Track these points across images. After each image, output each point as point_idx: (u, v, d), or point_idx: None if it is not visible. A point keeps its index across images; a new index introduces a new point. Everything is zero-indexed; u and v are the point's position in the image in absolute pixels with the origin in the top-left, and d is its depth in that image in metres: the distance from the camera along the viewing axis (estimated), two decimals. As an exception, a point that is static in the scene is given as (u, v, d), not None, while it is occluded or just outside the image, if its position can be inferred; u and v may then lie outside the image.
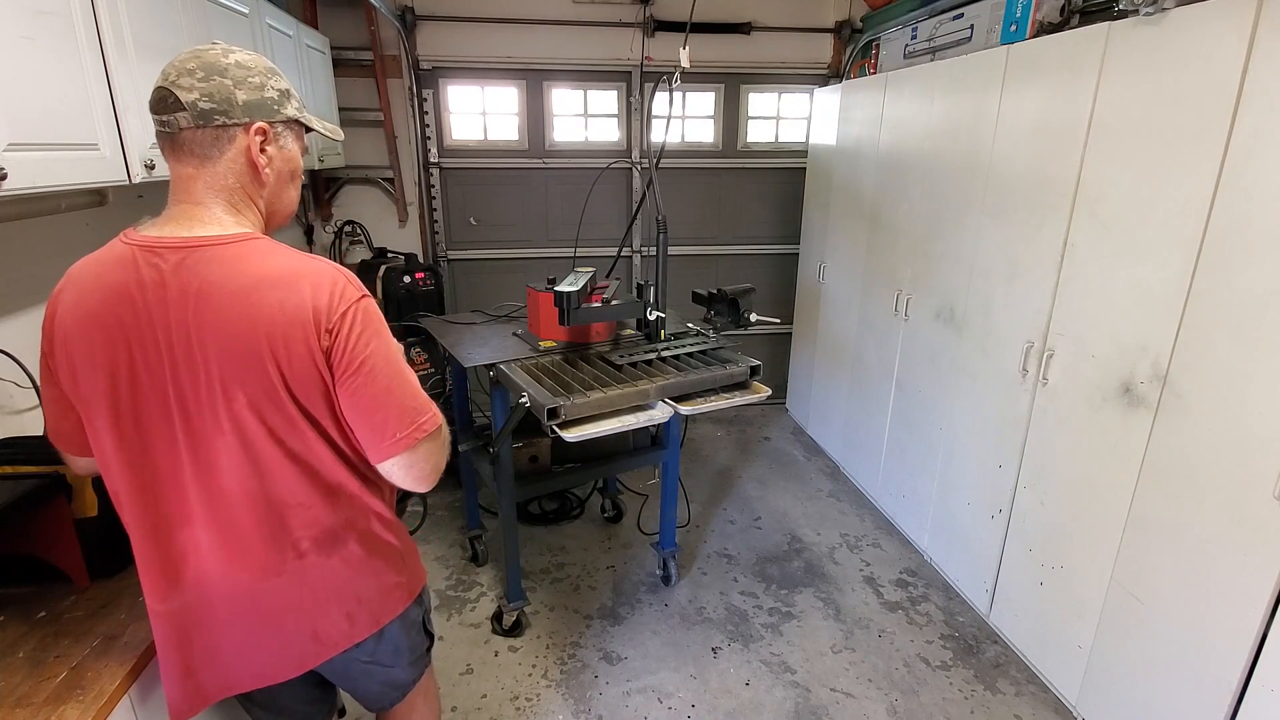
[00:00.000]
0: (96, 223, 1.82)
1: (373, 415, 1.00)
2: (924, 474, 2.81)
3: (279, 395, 0.96)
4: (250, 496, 1.01)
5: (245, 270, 0.94)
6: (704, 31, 3.72)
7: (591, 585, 2.72)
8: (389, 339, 1.03)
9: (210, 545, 1.02)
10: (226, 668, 1.11)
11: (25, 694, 1.03)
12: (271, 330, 0.93)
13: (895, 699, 2.18)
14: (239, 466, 0.99)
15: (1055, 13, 2.24)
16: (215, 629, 1.07)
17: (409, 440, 1.02)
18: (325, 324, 0.95)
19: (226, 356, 0.94)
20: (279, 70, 1.06)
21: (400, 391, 1.02)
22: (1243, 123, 1.50)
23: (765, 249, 4.34)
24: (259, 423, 0.97)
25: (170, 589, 1.04)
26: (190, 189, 0.98)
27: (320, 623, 1.11)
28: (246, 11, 2.20)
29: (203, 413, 0.96)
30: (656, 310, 2.25)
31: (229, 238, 0.96)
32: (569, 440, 1.82)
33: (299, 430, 1.00)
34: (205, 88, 0.94)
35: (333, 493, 1.06)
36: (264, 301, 0.93)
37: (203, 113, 0.94)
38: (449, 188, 3.86)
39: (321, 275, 0.97)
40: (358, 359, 0.97)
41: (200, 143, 0.96)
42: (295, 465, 1.02)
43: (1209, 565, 1.63)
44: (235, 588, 1.04)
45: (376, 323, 1.00)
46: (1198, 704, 1.66)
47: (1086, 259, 1.94)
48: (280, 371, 0.95)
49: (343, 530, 1.09)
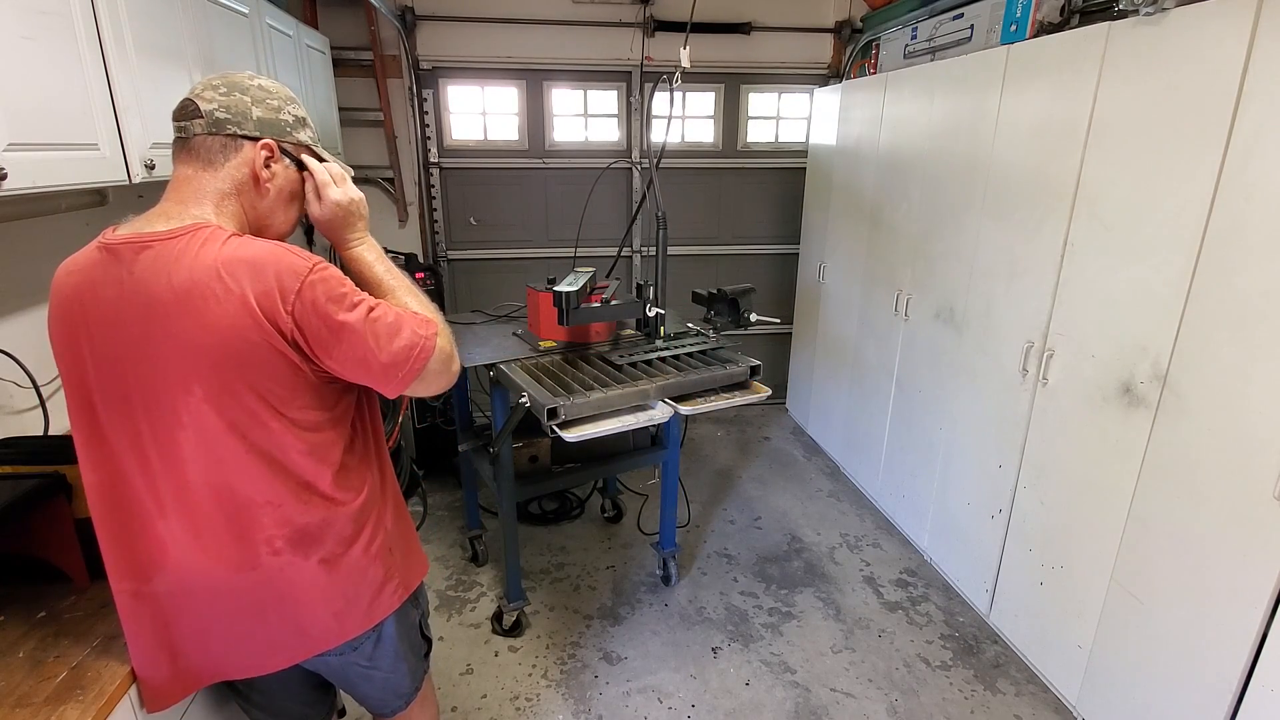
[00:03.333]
0: (96, 223, 1.82)
1: (370, 369, 1.03)
2: (924, 474, 2.81)
3: (236, 387, 0.97)
4: (216, 490, 1.01)
5: (190, 264, 0.94)
6: (704, 31, 3.72)
7: (591, 585, 2.72)
8: (350, 289, 1.01)
9: (185, 537, 1.03)
10: (217, 652, 1.11)
11: (25, 694, 1.03)
12: (219, 322, 0.93)
13: (895, 699, 2.18)
14: (202, 459, 0.99)
15: (1055, 13, 2.24)
16: (202, 615, 1.07)
17: (412, 373, 1.05)
18: (284, 307, 0.95)
19: (180, 351, 0.94)
20: (299, 101, 1.13)
21: (386, 337, 1.02)
22: (1243, 123, 1.50)
23: (765, 249, 4.34)
24: (218, 416, 0.97)
25: (145, 573, 1.04)
26: (181, 190, 1.01)
27: (304, 619, 1.11)
28: (246, 11, 2.20)
29: (162, 407, 0.97)
30: (656, 307, 2.24)
31: (176, 230, 0.96)
32: (569, 440, 1.82)
33: (261, 422, 0.99)
34: (224, 101, 1.01)
35: (304, 489, 1.05)
36: (208, 293, 0.93)
37: (217, 121, 1.01)
38: (449, 188, 3.86)
39: (267, 258, 0.96)
40: (333, 329, 0.98)
41: (209, 148, 1.01)
42: (260, 460, 1.01)
43: (1209, 565, 1.63)
44: (213, 580, 1.05)
45: (334, 283, 0.99)
46: (1198, 704, 1.66)
47: (1086, 259, 1.94)
48: (233, 363, 0.95)
49: (318, 531, 1.07)
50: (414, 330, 1.05)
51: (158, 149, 1.60)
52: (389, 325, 1.03)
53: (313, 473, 1.05)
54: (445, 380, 1.12)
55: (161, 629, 1.07)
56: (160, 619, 1.06)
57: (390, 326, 1.03)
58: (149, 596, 1.05)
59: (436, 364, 1.08)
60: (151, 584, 1.04)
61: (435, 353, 1.07)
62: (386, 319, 1.03)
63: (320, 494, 1.07)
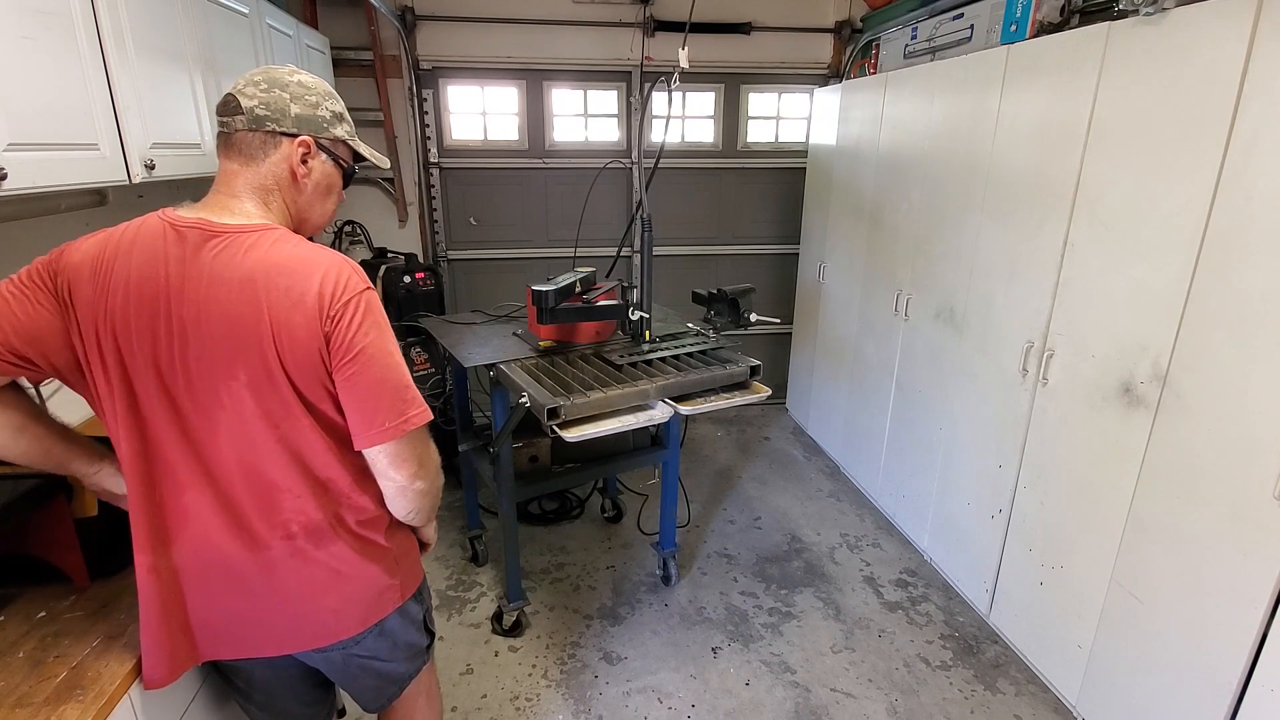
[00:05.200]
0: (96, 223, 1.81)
1: (365, 402, 1.03)
2: (924, 474, 2.81)
3: (276, 378, 1.00)
4: (246, 469, 1.04)
5: (258, 257, 0.99)
6: (704, 31, 3.72)
7: (591, 585, 2.72)
8: (388, 333, 1.06)
9: (210, 511, 1.06)
10: (218, 629, 1.13)
11: (25, 694, 1.03)
12: (275, 314, 0.97)
13: (895, 699, 2.18)
14: (237, 440, 1.03)
15: (1055, 13, 2.24)
16: (210, 589, 1.10)
17: (397, 430, 1.05)
18: (328, 310, 0.99)
19: (231, 335, 0.98)
20: (338, 96, 1.15)
21: (394, 383, 1.05)
22: (1243, 122, 1.50)
23: (765, 249, 4.34)
24: (255, 403, 1.01)
25: (165, 545, 1.06)
26: (231, 183, 1.06)
27: (304, 610, 1.13)
28: (246, 11, 2.20)
29: (206, 387, 1.00)
30: (640, 311, 2.23)
31: (249, 227, 1.02)
32: (569, 440, 1.82)
33: (293, 416, 1.03)
34: (265, 97, 1.05)
35: (321, 487, 1.08)
36: (272, 286, 0.98)
37: (257, 118, 1.04)
38: (449, 188, 3.86)
39: (329, 265, 1.01)
40: (356, 347, 1.01)
41: (250, 144, 1.05)
42: (286, 451, 1.04)
43: (1209, 565, 1.63)
44: (228, 556, 1.08)
45: (377, 315, 1.04)
46: (1197, 704, 1.66)
47: (1086, 259, 1.94)
48: (279, 355, 0.98)
49: (330, 528, 1.10)
50: (420, 399, 1.08)
51: (158, 149, 1.61)
52: (404, 377, 1.07)
53: (333, 472, 1.08)
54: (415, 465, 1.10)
55: (172, 606, 1.09)
56: (173, 595, 1.09)
57: (404, 379, 1.07)
58: (165, 571, 1.07)
59: (420, 440, 1.10)
60: (169, 556, 1.07)
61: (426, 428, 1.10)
62: (404, 372, 1.07)
63: (337, 494, 1.10)
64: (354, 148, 1.17)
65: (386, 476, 1.09)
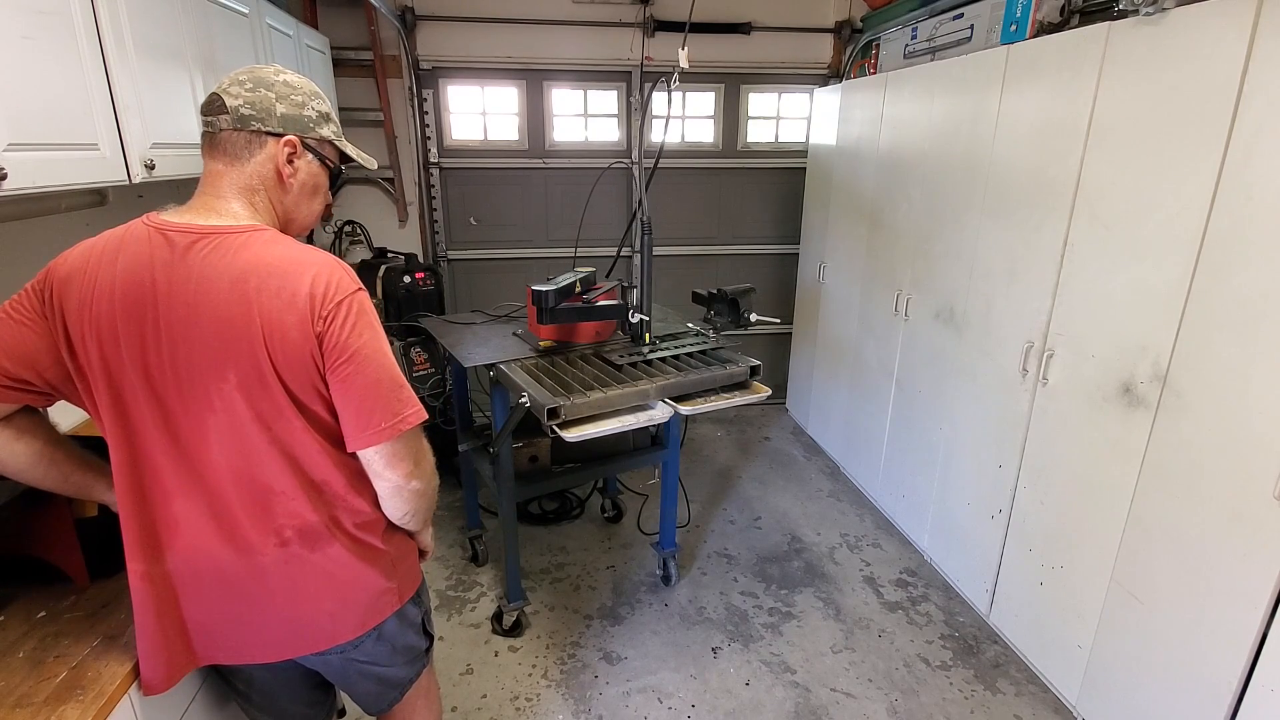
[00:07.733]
0: (96, 223, 1.82)
1: (359, 403, 1.03)
2: (924, 474, 2.81)
3: (268, 379, 0.99)
4: (236, 475, 1.03)
5: (248, 257, 0.98)
6: (704, 31, 3.72)
7: (591, 585, 2.72)
8: (381, 334, 1.05)
9: (201, 518, 1.05)
10: (215, 635, 1.12)
11: (25, 694, 1.03)
12: (266, 315, 0.96)
13: (895, 699, 2.18)
14: (228, 445, 1.02)
15: (1055, 13, 2.24)
16: (205, 596, 1.09)
17: (393, 431, 1.04)
18: (320, 311, 0.98)
19: (222, 337, 0.97)
20: (324, 96, 1.14)
21: (389, 383, 1.04)
22: (1243, 122, 1.50)
23: (765, 249, 4.34)
24: (247, 405, 1.00)
25: (157, 552, 1.06)
26: (217, 184, 1.04)
27: (301, 614, 1.12)
28: (246, 11, 2.20)
29: (195, 390, 0.99)
30: (640, 313, 2.23)
31: (238, 228, 1.01)
32: (569, 440, 1.82)
33: (285, 418, 1.02)
34: (250, 97, 1.03)
35: (315, 489, 1.07)
36: (263, 287, 0.97)
37: (242, 117, 1.02)
38: (449, 188, 3.86)
39: (320, 266, 1.01)
40: (350, 348, 1.00)
41: (235, 144, 1.04)
42: (279, 453, 1.03)
43: (1209, 565, 1.63)
44: (219, 561, 1.07)
45: (370, 316, 1.04)
46: (1197, 704, 1.66)
47: (1086, 259, 1.94)
48: (271, 356, 0.98)
49: (326, 530, 1.09)
50: (415, 400, 1.08)
51: (158, 149, 1.60)
52: (397, 378, 1.06)
53: (328, 475, 1.07)
54: (410, 465, 1.09)
55: (167, 612, 1.08)
56: (167, 601, 1.08)
57: (398, 380, 1.06)
58: (159, 578, 1.06)
59: (415, 440, 1.10)
60: (162, 563, 1.06)
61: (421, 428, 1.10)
62: (398, 373, 1.07)
63: (332, 496, 1.09)
64: (340, 148, 1.16)
65: (382, 477, 1.09)
